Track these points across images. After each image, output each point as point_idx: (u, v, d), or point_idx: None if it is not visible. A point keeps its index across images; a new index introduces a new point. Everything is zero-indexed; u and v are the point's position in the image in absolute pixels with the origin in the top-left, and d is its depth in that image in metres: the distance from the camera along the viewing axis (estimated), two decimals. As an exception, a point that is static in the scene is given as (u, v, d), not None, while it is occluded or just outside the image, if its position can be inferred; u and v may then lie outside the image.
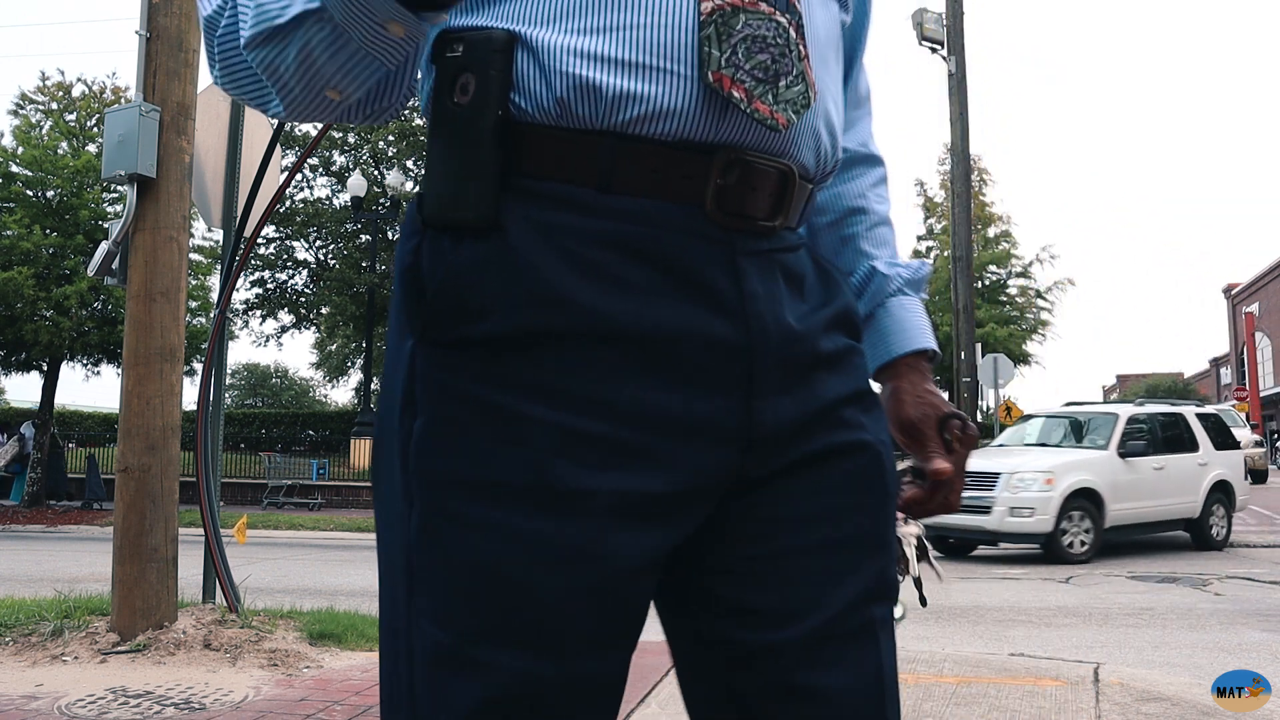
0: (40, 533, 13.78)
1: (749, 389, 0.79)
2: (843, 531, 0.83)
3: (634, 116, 0.76)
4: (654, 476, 0.76)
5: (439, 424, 0.75)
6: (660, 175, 0.77)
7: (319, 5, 0.71)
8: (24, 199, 16.06)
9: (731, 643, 0.82)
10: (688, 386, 0.77)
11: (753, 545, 0.82)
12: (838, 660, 0.81)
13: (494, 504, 0.74)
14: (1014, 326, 27.36)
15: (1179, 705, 3.42)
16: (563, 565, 0.74)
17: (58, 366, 17.49)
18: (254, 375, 51.62)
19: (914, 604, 1.45)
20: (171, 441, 4.19)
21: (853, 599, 0.83)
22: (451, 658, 0.74)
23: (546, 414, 0.74)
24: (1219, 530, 10.45)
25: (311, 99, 0.78)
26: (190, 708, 3.24)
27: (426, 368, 0.76)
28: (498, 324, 0.75)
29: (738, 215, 0.79)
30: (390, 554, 0.79)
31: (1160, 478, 10.00)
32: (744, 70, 0.77)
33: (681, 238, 0.77)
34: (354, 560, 9.65)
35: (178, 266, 4.25)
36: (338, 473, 18.98)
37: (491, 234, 0.76)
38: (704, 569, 0.83)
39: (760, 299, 0.80)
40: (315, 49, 0.74)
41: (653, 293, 0.76)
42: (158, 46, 4.26)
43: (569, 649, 0.75)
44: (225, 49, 0.78)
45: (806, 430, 0.83)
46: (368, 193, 20.85)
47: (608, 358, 0.75)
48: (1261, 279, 42.88)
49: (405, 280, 0.78)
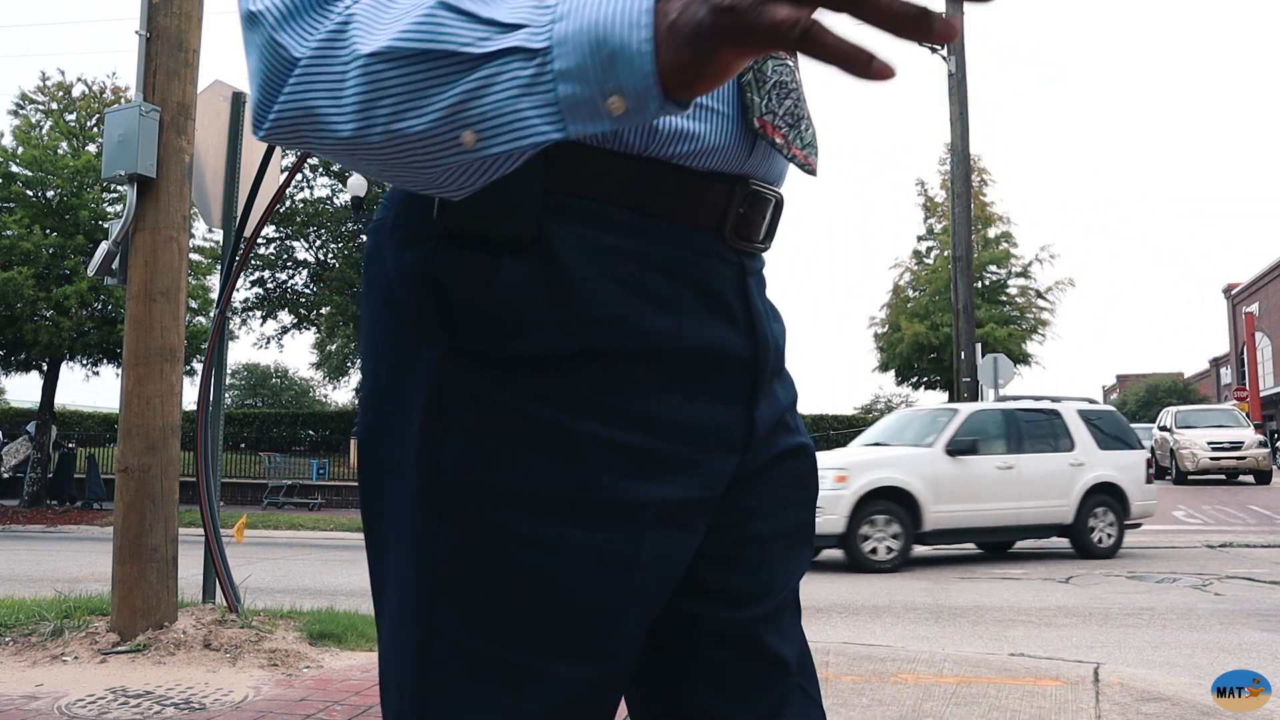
0: (40, 533, 13.80)
1: (751, 398, 0.86)
2: (794, 520, 0.94)
3: (685, 151, 0.79)
4: (693, 485, 0.81)
5: (483, 438, 0.75)
6: (691, 201, 0.81)
7: (545, 45, 0.61)
8: (24, 199, 16.07)
9: (706, 619, 0.88)
10: (713, 398, 0.83)
11: (730, 533, 0.88)
12: (789, 628, 0.93)
13: (545, 518, 0.75)
14: (1014, 326, 27.36)
15: (1179, 705, 3.42)
16: (614, 576, 0.77)
17: (58, 366, 17.50)
18: (254, 375, 51.63)
19: None
20: (171, 441, 4.20)
21: (797, 576, 0.96)
22: (502, 670, 0.76)
23: (596, 429, 0.76)
24: (1103, 537, 9.49)
25: (437, 136, 0.63)
26: (190, 708, 3.24)
27: (462, 381, 0.75)
28: (550, 341, 0.75)
29: (746, 239, 0.86)
30: (400, 567, 0.79)
31: (1010, 478, 9.22)
32: (779, 116, 0.83)
33: (707, 259, 0.82)
34: (354, 560, 9.66)
35: (178, 266, 4.25)
36: (338, 473, 19.00)
37: (533, 250, 0.75)
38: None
39: (761, 315, 0.87)
40: (500, 87, 0.61)
41: (690, 311, 0.80)
42: (158, 46, 4.26)
43: (618, 653, 0.79)
44: (321, 57, 0.65)
45: (774, 433, 0.91)
46: (368, 193, 20.83)
47: (652, 373, 0.79)
48: (1261, 279, 42.89)
49: (417, 286, 0.77)
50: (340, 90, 0.64)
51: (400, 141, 0.64)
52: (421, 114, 0.62)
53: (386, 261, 0.80)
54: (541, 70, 0.61)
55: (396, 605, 0.80)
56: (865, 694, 3.61)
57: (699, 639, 0.88)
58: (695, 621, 0.88)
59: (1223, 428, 20.51)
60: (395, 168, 0.67)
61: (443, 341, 0.76)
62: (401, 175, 0.68)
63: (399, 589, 0.79)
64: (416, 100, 0.62)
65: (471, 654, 0.76)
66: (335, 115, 0.64)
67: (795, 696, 0.92)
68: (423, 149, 0.64)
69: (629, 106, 0.60)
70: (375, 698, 3.40)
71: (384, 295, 0.80)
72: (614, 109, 0.60)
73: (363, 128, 0.64)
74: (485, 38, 0.61)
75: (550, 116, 0.61)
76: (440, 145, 0.63)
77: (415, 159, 0.65)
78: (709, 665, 0.89)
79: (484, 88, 0.61)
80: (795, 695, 0.92)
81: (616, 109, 0.60)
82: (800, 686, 0.93)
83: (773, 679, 0.90)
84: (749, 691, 0.89)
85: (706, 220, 0.82)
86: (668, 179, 0.79)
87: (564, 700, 0.77)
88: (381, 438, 0.80)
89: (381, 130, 0.63)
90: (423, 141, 0.63)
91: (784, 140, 0.83)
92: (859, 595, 6.94)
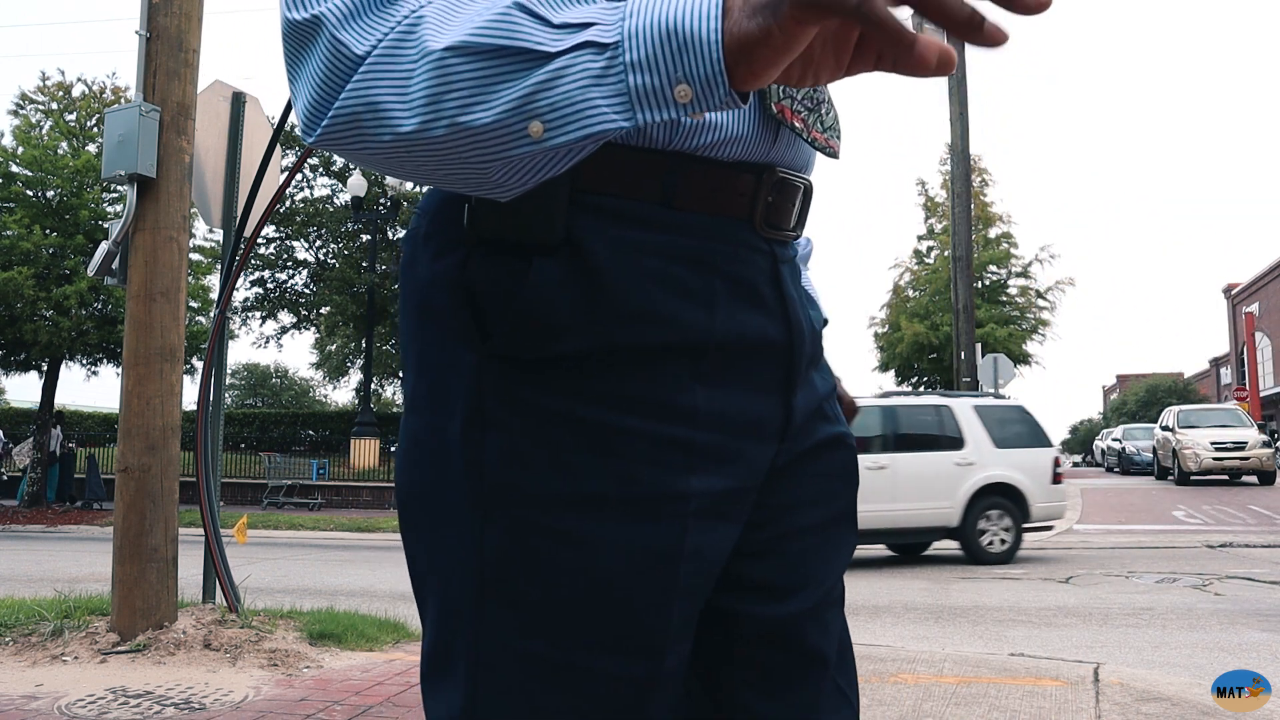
0: (40, 533, 13.80)
1: (787, 386, 0.86)
2: (835, 511, 0.93)
3: (707, 142, 0.79)
4: (732, 475, 0.81)
5: (524, 439, 0.76)
6: (719, 192, 0.81)
7: (615, 39, 0.63)
8: (24, 199, 16.07)
9: (746, 615, 0.88)
10: (749, 388, 0.83)
11: (770, 527, 0.88)
12: (831, 624, 0.92)
13: (589, 515, 0.76)
14: (1014, 326, 27.38)
15: (1179, 705, 3.42)
16: (658, 569, 0.77)
17: (58, 366, 17.51)
18: (254, 375, 51.66)
19: None
20: (171, 441, 4.20)
21: (839, 570, 0.94)
22: (552, 668, 0.76)
23: (636, 424, 0.77)
24: (995, 541, 8.94)
25: (504, 127, 0.64)
26: (190, 708, 3.24)
27: (502, 383, 0.77)
28: (582, 340, 0.76)
29: (776, 227, 0.86)
30: (448, 569, 0.80)
31: (884, 479, 8.66)
32: (798, 100, 0.84)
33: (738, 249, 0.83)
34: (354, 560, 9.66)
35: (178, 266, 4.25)
36: (338, 473, 18.99)
37: (564, 251, 0.76)
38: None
39: (795, 303, 0.87)
40: (571, 78, 0.63)
41: (721, 302, 0.81)
42: (158, 46, 4.26)
43: (664, 647, 0.79)
44: (389, 53, 0.66)
45: (810, 422, 0.91)
46: (368, 192, 20.84)
47: (688, 366, 0.79)
48: (1261, 279, 42.88)
49: (452, 292, 0.78)
50: (408, 85, 0.65)
51: (465, 134, 0.65)
52: (490, 106, 0.64)
53: (421, 270, 0.82)
54: (612, 62, 0.63)
55: (443, 606, 0.80)
56: (865, 694, 3.61)
57: (740, 636, 0.88)
58: (735, 618, 0.87)
59: (1226, 427, 20.39)
60: (452, 164, 0.67)
61: (479, 346, 0.77)
62: (456, 173, 0.69)
63: (445, 590, 0.80)
64: (486, 93, 0.64)
65: (520, 652, 0.77)
66: (399, 110, 0.65)
67: (830, 693, 0.92)
68: (487, 141, 0.65)
69: (695, 94, 0.63)
70: (375, 698, 3.40)
71: (420, 303, 0.82)
72: (681, 97, 0.63)
73: (427, 122, 0.65)
74: (558, 39, 0.64)
75: (619, 105, 0.63)
76: (506, 137, 0.65)
77: (476, 153, 0.66)
78: (748, 662, 0.89)
79: (555, 79, 0.63)
80: (830, 691, 0.92)
81: (683, 97, 0.63)
82: (836, 683, 0.93)
83: (810, 676, 0.90)
84: (786, 688, 0.89)
85: (736, 210, 0.82)
86: (694, 171, 0.79)
87: (613, 697, 0.77)
88: (425, 440, 0.81)
89: (447, 123, 0.65)
90: (489, 133, 0.64)
91: (803, 124, 0.84)
92: (859, 595, 6.94)
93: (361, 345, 24.58)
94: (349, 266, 22.18)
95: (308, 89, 0.69)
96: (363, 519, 14.34)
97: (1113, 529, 12.39)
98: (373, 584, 7.82)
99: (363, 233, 22.38)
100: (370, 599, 6.54)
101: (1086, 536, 11.53)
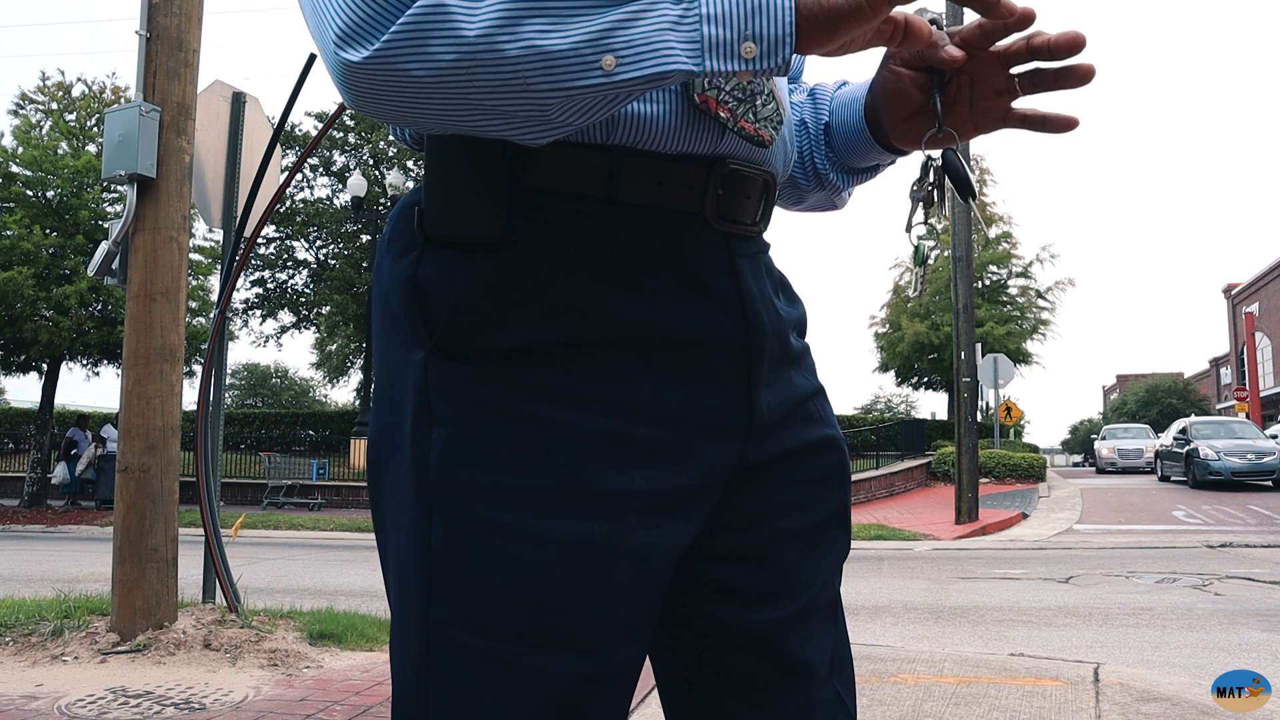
0: (40, 533, 13.80)
1: (748, 382, 0.84)
2: (821, 515, 0.91)
3: (644, 136, 0.79)
4: (677, 473, 0.80)
5: (465, 434, 0.77)
6: (664, 186, 0.81)
7: None
8: (24, 199, 16.06)
9: (726, 622, 0.86)
10: (701, 384, 0.82)
11: (748, 531, 0.87)
12: (819, 631, 0.90)
13: (528, 510, 0.76)
14: (1014, 326, 27.38)
15: (1179, 705, 3.42)
16: (599, 565, 0.77)
17: (58, 366, 17.50)
18: (254, 375, 51.68)
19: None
20: (171, 441, 4.20)
21: (827, 575, 0.92)
22: (491, 663, 0.76)
23: (576, 419, 0.76)
24: None
25: (578, 56, 0.66)
26: (190, 708, 3.24)
27: (445, 379, 0.77)
28: (522, 335, 0.76)
29: (731, 220, 0.85)
30: (401, 565, 0.80)
31: None
32: (725, 92, 0.83)
33: (687, 243, 0.82)
34: (354, 560, 9.65)
35: (178, 266, 4.25)
36: (338, 473, 18.98)
37: (505, 247, 0.77)
38: (702, 554, 0.86)
39: (755, 297, 0.86)
40: (649, 20, 0.67)
41: (668, 296, 0.80)
42: (158, 46, 4.26)
43: (607, 644, 0.78)
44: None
45: (786, 421, 0.89)
46: (368, 192, 20.85)
47: (631, 361, 0.78)
48: (1261, 279, 42.87)
49: (405, 293, 0.80)
50: (481, 3, 0.66)
51: (540, 58, 0.66)
52: (568, 34, 0.66)
53: (385, 273, 0.83)
54: (688, 11, 0.67)
55: (399, 601, 0.81)
56: (865, 694, 3.61)
57: (719, 642, 0.87)
58: (714, 624, 0.86)
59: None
60: (510, 93, 0.67)
61: (426, 343, 0.78)
62: (511, 103, 0.68)
63: (400, 586, 0.81)
64: (567, 20, 0.66)
65: (465, 648, 0.77)
66: (472, 25, 0.66)
67: (826, 703, 0.89)
68: (559, 69, 0.66)
69: (760, 52, 0.68)
70: (375, 698, 3.39)
71: (383, 305, 0.84)
72: (747, 54, 0.68)
73: (503, 41, 0.65)
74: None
75: (691, 50, 0.67)
76: (579, 66, 0.66)
77: (544, 80, 0.67)
78: (732, 671, 0.87)
79: (635, 19, 0.67)
80: (826, 701, 0.89)
81: (749, 54, 0.68)
82: (835, 692, 0.90)
83: (796, 687, 0.88)
84: (774, 700, 0.87)
85: (683, 203, 0.82)
86: (637, 165, 0.80)
87: (553, 693, 0.77)
88: (384, 440, 0.82)
89: (525, 45, 0.66)
90: (564, 59, 0.66)
91: (730, 114, 0.83)
92: (859, 595, 6.94)
93: (361, 345, 24.61)
94: (349, 266, 22.19)
95: (356, 4, 0.67)
96: (363, 519, 14.32)
97: (1113, 529, 12.40)
98: (373, 584, 7.82)
99: (363, 233, 22.38)
100: (370, 599, 6.53)
101: (1086, 536, 11.54)
